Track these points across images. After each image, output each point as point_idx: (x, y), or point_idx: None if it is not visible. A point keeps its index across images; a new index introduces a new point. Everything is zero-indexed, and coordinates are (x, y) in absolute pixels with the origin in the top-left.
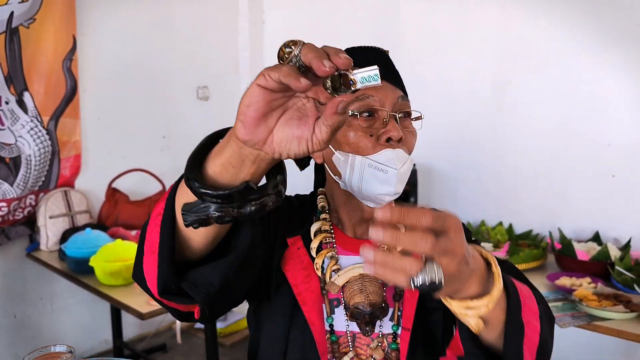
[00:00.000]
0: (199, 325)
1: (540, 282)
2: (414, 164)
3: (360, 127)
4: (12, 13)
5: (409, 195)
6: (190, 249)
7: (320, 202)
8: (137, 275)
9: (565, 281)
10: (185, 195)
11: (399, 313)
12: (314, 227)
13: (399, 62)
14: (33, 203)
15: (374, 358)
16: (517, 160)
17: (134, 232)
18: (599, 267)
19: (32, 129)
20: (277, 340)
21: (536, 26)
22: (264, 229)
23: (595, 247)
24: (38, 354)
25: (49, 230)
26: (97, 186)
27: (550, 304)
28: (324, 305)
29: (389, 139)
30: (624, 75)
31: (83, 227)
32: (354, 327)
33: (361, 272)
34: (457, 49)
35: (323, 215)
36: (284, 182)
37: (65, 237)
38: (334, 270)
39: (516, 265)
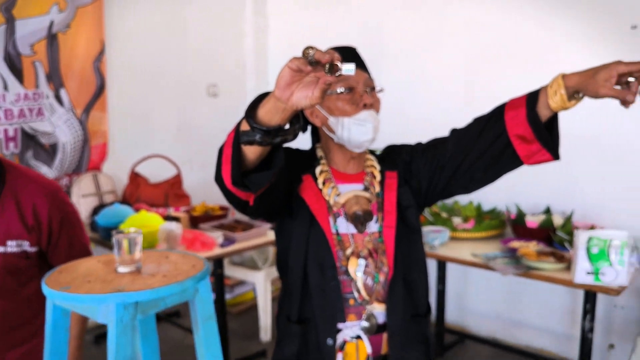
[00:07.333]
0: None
1: (495, 246)
2: None
3: (345, 99)
4: (52, 21)
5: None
6: (248, 161)
7: (319, 153)
8: (217, 177)
9: (515, 244)
10: (244, 128)
11: (381, 217)
12: (318, 169)
13: (381, 61)
14: (67, 184)
15: (367, 248)
16: None
17: (153, 209)
18: (544, 233)
19: (67, 120)
20: (302, 242)
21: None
22: (286, 167)
23: (541, 217)
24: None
25: (82, 206)
26: (121, 170)
27: (499, 261)
28: (330, 217)
29: (365, 105)
30: None
31: (111, 204)
32: (352, 229)
33: (355, 193)
34: (429, 51)
35: (322, 162)
36: (299, 129)
37: (95, 211)
38: (336, 195)
39: (477, 234)
